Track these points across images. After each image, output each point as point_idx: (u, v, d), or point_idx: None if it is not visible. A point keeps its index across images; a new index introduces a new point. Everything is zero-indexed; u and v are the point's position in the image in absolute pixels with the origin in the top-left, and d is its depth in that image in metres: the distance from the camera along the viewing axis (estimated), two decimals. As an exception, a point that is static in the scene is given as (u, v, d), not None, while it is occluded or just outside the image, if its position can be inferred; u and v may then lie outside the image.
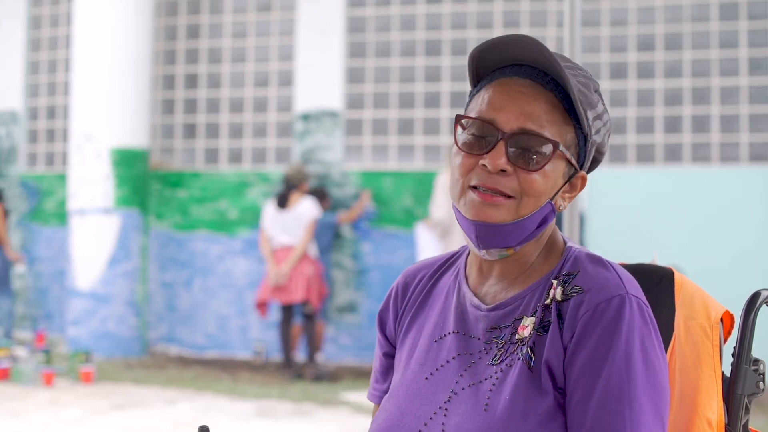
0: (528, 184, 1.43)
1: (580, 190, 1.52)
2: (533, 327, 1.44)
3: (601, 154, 1.54)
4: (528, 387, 1.40)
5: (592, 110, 1.48)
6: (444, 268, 1.64)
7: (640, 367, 1.36)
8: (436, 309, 1.59)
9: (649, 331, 1.39)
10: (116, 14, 8.73)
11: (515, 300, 1.49)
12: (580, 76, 1.49)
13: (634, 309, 1.39)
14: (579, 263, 1.47)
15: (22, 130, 10.36)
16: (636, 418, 1.34)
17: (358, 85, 9.23)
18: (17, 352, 7.86)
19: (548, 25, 8.81)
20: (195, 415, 6.52)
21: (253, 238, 9.23)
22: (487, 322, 1.50)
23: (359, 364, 8.79)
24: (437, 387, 1.49)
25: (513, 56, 1.48)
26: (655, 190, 8.15)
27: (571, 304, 1.42)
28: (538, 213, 1.46)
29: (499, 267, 1.52)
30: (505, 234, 1.45)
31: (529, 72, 1.47)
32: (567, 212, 3.00)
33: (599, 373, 1.36)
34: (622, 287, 1.41)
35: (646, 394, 1.35)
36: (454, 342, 1.52)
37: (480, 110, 1.47)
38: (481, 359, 1.47)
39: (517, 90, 1.46)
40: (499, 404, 1.41)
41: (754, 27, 8.37)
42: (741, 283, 4.46)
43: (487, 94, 1.48)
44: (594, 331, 1.38)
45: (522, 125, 1.43)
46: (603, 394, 1.35)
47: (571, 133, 1.47)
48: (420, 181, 8.86)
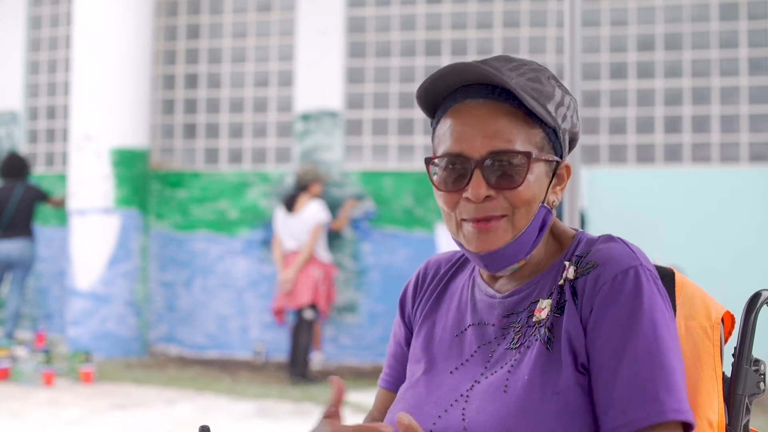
0: (515, 198, 1.44)
1: (568, 178, 1.53)
2: (550, 308, 1.46)
3: (576, 134, 1.55)
4: (546, 366, 1.41)
5: (551, 101, 1.48)
6: (460, 264, 1.66)
7: (665, 333, 1.39)
8: (453, 304, 1.60)
9: (665, 302, 1.43)
10: (116, 14, 8.73)
11: (529, 285, 1.51)
12: (528, 72, 1.49)
13: (651, 280, 1.42)
14: (590, 243, 1.50)
15: (22, 130, 10.35)
16: (668, 381, 1.36)
17: (358, 85, 9.23)
18: (17, 352, 7.86)
19: (548, 25, 8.80)
20: (195, 415, 6.52)
21: (253, 238, 9.23)
22: (502, 308, 1.52)
23: (359, 364, 8.79)
24: (461, 379, 1.50)
25: (456, 81, 1.48)
26: (655, 190, 8.15)
27: (588, 279, 1.43)
28: (536, 219, 1.47)
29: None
30: (510, 253, 1.47)
31: (478, 90, 1.47)
32: (567, 212, 3.00)
33: (626, 342, 1.38)
34: (636, 258, 1.44)
35: (674, 357, 1.38)
36: (474, 334, 1.53)
37: (446, 145, 1.47)
38: (499, 345, 1.49)
39: (473, 113, 1.46)
40: (517, 385, 1.42)
41: (754, 27, 8.37)
42: (741, 283, 4.46)
43: (447, 125, 1.48)
44: (615, 303, 1.40)
45: (489, 147, 1.43)
46: (632, 361, 1.37)
47: (539, 134, 1.47)
48: (420, 181, 8.86)
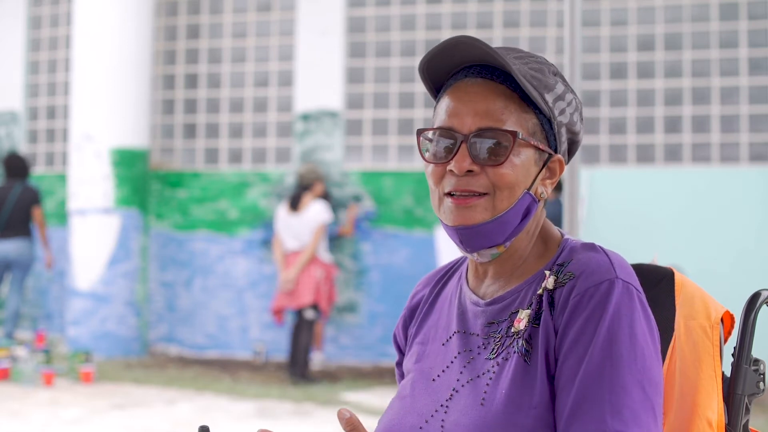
0: (497, 177, 1.45)
1: (560, 174, 1.53)
2: (528, 319, 1.45)
3: (576, 134, 1.55)
4: (524, 380, 1.41)
5: (551, 92, 1.49)
6: (449, 275, 1.66)
7: (626, 351, 1.35)
8: (442, 314, 1.61)
9: (638, 316, 1.39)
10: (116, 14, 8.73)
11: (511, 294, 1.50)
12: (532, 63, 1.50)
13: (623, 294, 1.39)
14: (573, 252, 1.48)
15: (22, 130, 10.35)
16: (618, 403, 1.33)
17: (358, 85, 9.23)
18: (17, 352, 7.86)
19: (548, 25, 8.81)
20: (195, 415, 6.52)
21: (253, 238, 9.23)
22: (485, 317, 1.51)
23: (359, 364, 8.79)
24: (442, 386, 1.51)
25: (460, 60, 1.50)
26: (655, 190, 8.15)
27: (564, 290, 1.42)
28: (518, 205, 1.46)
29: (494, 266, 1.53)
30: (487, 232, 1.46)
31: (479, 71, 1.49)
32: (567, 212, 3.00)
33: (582, 357, 1.36)
34: (612, 272, 1.41)
35: (632, 378, 1.34)
36: (457, 341, 1.54)
37: (440, 120, 1.50)
38: (479, 354, 1.49)
39: (468, 91, 1.48)
40: (495, 398, 1.41)
41: (754, 27, 8.37)
42: (741, 283, 4.46)
43: (444, 102, 1.51)
44: (580, 316, 1.39)
45: (479, 124, 1.46)
46: (584, 378, 1.35)
47: (532, 119, 1.48)
48: (420, 181, 8.86)
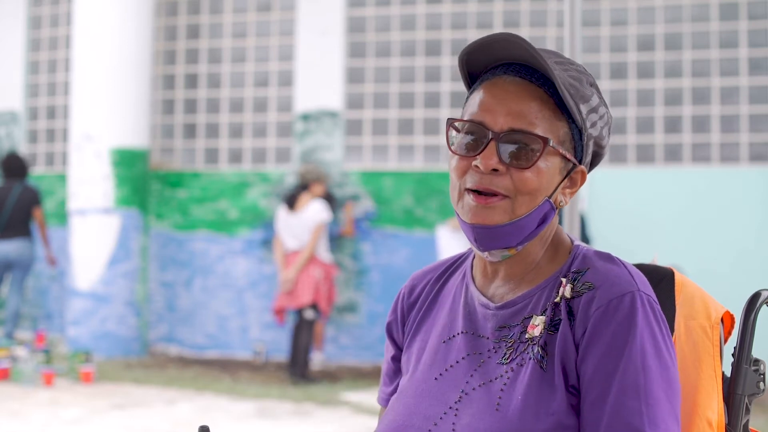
0: (521, 182, 1.43)
1: (581, 185, 1.52)
2: (544, 326, 1.44)
3: (602, 148, 1.54)
4: (540, 387, 1.40)
5: (586, 103, 1.47)
6: (451, 271, 1.64)
7: (654, 363, 1.37)
8: (444, 311, 1.59)
9: (660, 328, 1.40)
10: (116, 14, 8.73)
11: (524, 299, 1.49)
12: (572, 71, 1.48)
13: (646, 306, 1.40)
14: (588, 260, 1.48)
15: (22, 130, 10.35)
16: (653, 414, 1.35)
17: (358, 85, 9.23)
18: (17, 352, 7.86)
19: (548, 25, 8.80)
20: (195, 415, 6.52)
21: (253, 238, 9.23)
22: (495, 321, 1.50)
23: (359, 364, 8.79)
24: (447, 387, 1.49)
25: (500, 56, 1.48)
26: (655, 190, 8.15)
27: (582, 300, 1.42)
28: (537, 211, 1.45)
29: (504, 268, 1.52)
30: (504, 235, 1.45)
31: (518, 70, 1.47)
32: (567, 212, 3.00)
33: (615, 370, 1.37)
34: (634, 284, 1.42)
35: (661, 389, 1.36)
36: (464, 342, 1.52)
37: (471, 112, 1.48)
38: (490, 358, 1.48)
39: (505, 89, 1.46)
40: (510, 404, 1.41)
41: (754, 27, 8.37)
42: (741, 283, 4.47)
43: (478, 96, 1.49)
44: (607, 329, 1.39)
45: (511, 124, 1.44)
46: (620, 391, 1.36)
47: (564, 128, 1.47)
48: (420, 181, 8.86)
